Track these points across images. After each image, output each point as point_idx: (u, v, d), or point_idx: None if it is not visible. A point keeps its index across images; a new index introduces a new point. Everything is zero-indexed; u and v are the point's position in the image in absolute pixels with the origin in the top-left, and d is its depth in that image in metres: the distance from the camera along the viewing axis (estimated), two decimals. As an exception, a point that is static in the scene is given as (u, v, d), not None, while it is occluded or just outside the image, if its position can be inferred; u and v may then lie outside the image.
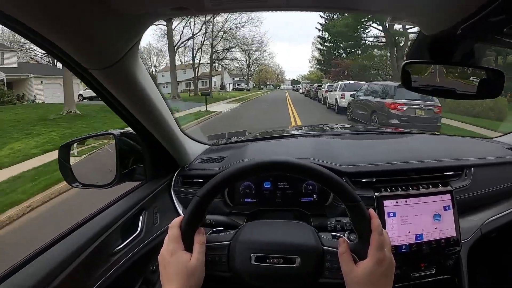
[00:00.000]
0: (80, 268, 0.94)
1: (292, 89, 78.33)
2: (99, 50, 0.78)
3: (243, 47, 45.94)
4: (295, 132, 2.33)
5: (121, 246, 1.11)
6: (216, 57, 43.97)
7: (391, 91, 10.71)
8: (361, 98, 12.89)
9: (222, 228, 0.98)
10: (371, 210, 0.79)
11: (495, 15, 0.59)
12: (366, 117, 11.74)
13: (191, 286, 0.76)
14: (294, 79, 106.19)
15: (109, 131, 1.26)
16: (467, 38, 0.75)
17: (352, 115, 13.49)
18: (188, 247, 0.79)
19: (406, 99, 9.96)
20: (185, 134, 1.44)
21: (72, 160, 1.27)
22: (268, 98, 38.97)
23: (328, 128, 2.47)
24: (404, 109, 9.99)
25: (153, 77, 1.06)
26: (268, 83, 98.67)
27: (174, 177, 1.47)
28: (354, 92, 14.55)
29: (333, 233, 0.92)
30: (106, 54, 0.80)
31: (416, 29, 0.81)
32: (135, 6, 0.69)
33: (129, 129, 1.23)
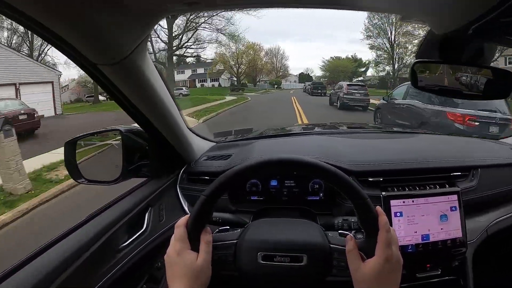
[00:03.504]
0: (86, 264, 0.94)
1: (312, 93, 33.42)
2: (107, 45, 0.78)
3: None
4: (302, 130, 2.32)
5: (127, 242, 1.12)
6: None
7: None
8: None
9: (228, 227, 0.98)
10: (378, 208, 0.79)
11: (507, 15, 0.58)
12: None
13: (197, 286, 0.76)
14: (302, 73, 66.11)
15: (116, 127, 1.26)
16: (477, 38, 0.75)
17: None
18: (195, 247, 0.79)
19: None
20: (191, 131, 1.44)
21: (78, 156, 1.27)
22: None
23: (335, 127, 2.46)
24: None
25: (161, 74, 1.05)
26: (260, 80, 58.49)
27: (180, 174, 1.47)
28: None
29: (340, 231, 0.91)
30: (114, 50, 0.80)
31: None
32: (145, 1, 0.69)
33: (136, 125, 1.23)
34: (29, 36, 29.22)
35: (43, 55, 31.35)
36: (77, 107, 29.79)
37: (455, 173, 1.38)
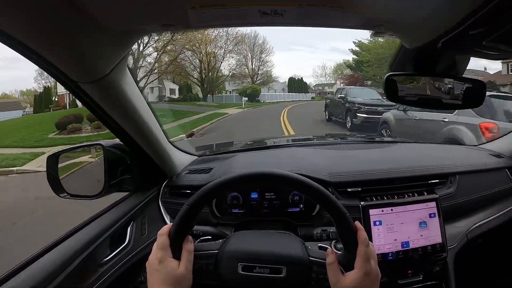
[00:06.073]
0: (68, 280, 0.93)
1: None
2: (88, 64, 0.79)
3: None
4: (282, 142, 2.34)
5: (109, 257, 1.11)
6: None
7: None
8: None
9: (210, 237, 0.98)
10: (357, 223, 0.80)
11: (474, 28, 0.61)
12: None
13: None
14: (292, 77, 53.02)
15: (98, 142, 1.26)
16: (448, 51, 0.78)
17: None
18: (176, 255, 0.79)
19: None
20: (173, 145, 1.44)
21: (60, 170, 1.26)
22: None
23: (315, 139, 2.49)
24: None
25: (141, 90, 1.06)
26: (215, 88, 35.30)
27: (162, 188, 1.47)
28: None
29: (319, 244, 0.92)
30: (95, 68, 0.81)
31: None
32: (123, 22, 0.71)
33: (118, 140, 1.23)
34: None
35: None
36: None
37: (433, 181, 1.41)
